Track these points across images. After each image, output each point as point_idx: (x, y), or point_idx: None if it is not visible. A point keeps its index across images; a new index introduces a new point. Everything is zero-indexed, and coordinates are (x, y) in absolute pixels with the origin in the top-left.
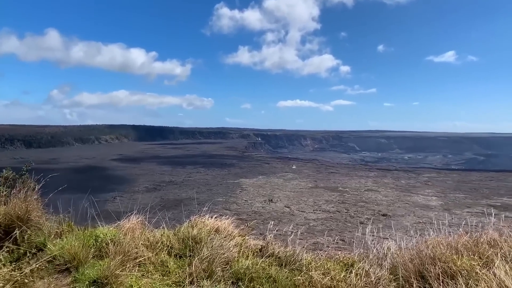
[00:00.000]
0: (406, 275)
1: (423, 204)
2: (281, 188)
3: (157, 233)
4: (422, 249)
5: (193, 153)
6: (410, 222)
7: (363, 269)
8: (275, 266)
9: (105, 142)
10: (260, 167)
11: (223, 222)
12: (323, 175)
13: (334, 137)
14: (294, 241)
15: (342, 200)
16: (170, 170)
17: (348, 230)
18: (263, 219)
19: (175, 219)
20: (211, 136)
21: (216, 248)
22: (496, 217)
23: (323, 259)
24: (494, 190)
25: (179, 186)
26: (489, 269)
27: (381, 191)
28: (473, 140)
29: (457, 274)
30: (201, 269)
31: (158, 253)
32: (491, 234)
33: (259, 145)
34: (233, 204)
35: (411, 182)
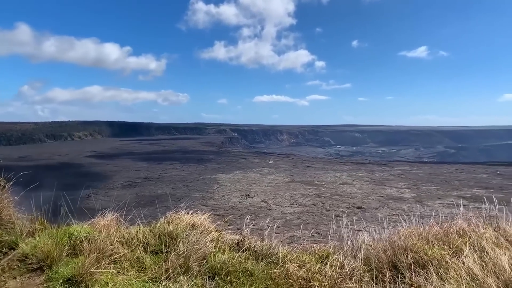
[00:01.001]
0: (380, 266)
1: (396, 196)
2: (258, 183)
3: (132, 230)
4: (395, 240)
5: (169, 149)
6: (384, 214)
7: (337, 261)
8: (252, 259)
9: (78, 139)
10: (237, 162)
11: (199, 217)
12: (299, 170)
13: (309, 132)
14: (271, 235)
15: (318, 194)
16: (145, 167)
17: (324, 223)
18: (240, 214)
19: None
20: (187, 131)
21: (192, 244)
22: (465, 208)
23: (299, 252)
24: (464, 182)
25: (155, 182)
26: (459, 258)
27: (356, 185)
28: (444, 133)
29: (428, 264)
30: (177, 265)
31: (134, 249)
32: (460, 224)
33: (236, 140)
34: (210, 200)
35: (385, 175)
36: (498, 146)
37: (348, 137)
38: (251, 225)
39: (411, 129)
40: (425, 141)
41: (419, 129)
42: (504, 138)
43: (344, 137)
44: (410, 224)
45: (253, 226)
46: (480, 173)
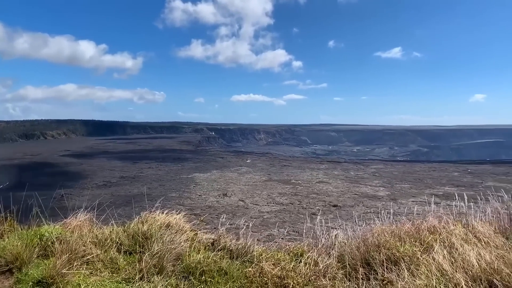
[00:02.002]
0: (353, 263)
1: (371, 194)
2: (235, 182)
3: (106, 230)
4: (368, 237)
5: (145, 148)
6: (359, 212)
7: (312, 259)
8: (227, 258)
9: (51, 138)
10: (214, 161)
11: (174, 217)
12: (277, 168)
13: (287, 131)
14: (247, 233)
15: (295, 192)
16: (121, 166)
17: (300, 222)
18: (217, 213)
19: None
20: (163, 130)
21: (166, 243)
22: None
23: (274, 250)
24: (436, 180)
25: (130, 182)
26: (429, 254)
27: (332, 183)
28: (418, 132)
29: (400, 260)
30: (151, 265)
31: (107, 250)
32: (431, 221)
33: (213, 140)
34: (187, 199)
35: (360, 173)
36: (469, 145)
37: (324, 136)
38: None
39: (385, 129)
40: (399, 140)
41: (393, 128)
42: (474, 137)
43: (320, 136)
44: (383, 221)
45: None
46: (451, 171)
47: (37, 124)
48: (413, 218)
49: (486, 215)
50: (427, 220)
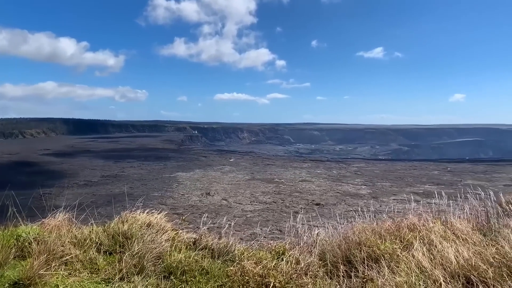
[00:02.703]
0: (334, 261)
1: (353, 193)
2: (219, 181)
3: (85, 230)
4: (349, 235)
5: (127, 147)
6: (341, 210)
7: (293, 257)
8: (208, 258)
9: (30, 137)
10: (197, 160)
11: (155, 216)
12: (260, 167)
13: (270, 130)
14: (229, 233)
15: (278, 191)
16: (102, 165)
17: (283, 220)
18: (200, 212)
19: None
20: (145, 129)
21: (147, 243)
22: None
23: (256, 249)
24: (417, 178)
25: (112, 181)
26: (409, 251)
27: (315, 182)
28: (399, 131)
29: (381, 258)
30: (131, 265)
31: (87, 250)
32: (411, 219)
33: (196, 138)
34: (169, 199)
35: (342, 172)
36: (449, 144)
37: (307, 135)
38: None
39: (367, 128)
40: (381, 139)
41: (375, 127)
42: (454, 136)
43: (303, 135)
44: (365, 219)
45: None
46: (432, 169)
47: (16, 123)
48: (394, 216)
49: (465, 212)
50: (407, 218)
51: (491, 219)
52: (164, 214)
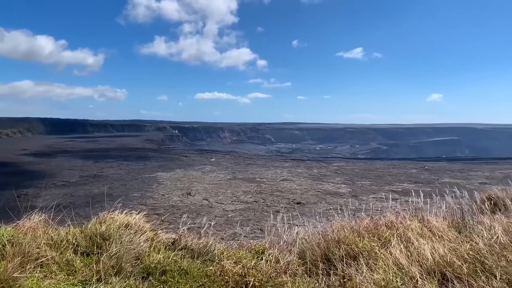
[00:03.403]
0: (314, 259)
1: (333, 191)
2: (200, 181)
3: (62, 231)
4: (328, 234)
5: (106, 147)
6: (321, 208)
7: (273, 256)
8: (188, 258)
9: (5, 137)
10: (178, 160)
11: (133, 217)
12: (241, 167)
13: (251, 129)
14: (208, 232)
15: (259, 191)
16: (80, 165)
17: (265, 219)
18: (181, 212)
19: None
20: (124, 129)
21: (125, 244)
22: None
23: (236, 248)
24: (396, 177)
25: (91, 182)
26: (387, 248)
27: (296, 181)
28: (378, 131)
29: (359, 255)
30: (109, 266)
31: (63, 252)
32: (389, 217)
33: (176, 138)
34: (149, 199)
35: (323, 171)
36: (427, 143)
37: (288, 135)
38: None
39: (347, 127)
40: (360, 138)
41: (355, 127)
42: (432, 136)
43: (284, 135)
44: (344, 218)
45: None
46: (410, 168)
47: None
48: (373, 214)
49: (441, 210)
50: (385, 216)
51: (466, 217)
52: (144, 214)
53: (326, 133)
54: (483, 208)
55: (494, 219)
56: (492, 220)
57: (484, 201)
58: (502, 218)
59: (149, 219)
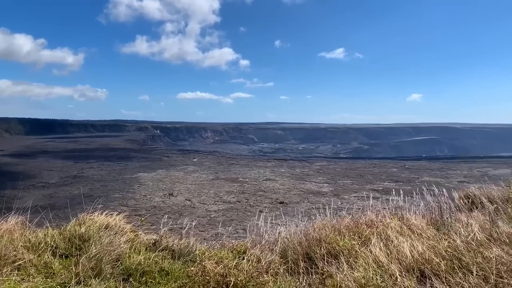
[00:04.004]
0: (295, 258)
1: (316, 190)
2: (182, 181)
3: (40, 234)
4: (310, 232)
5: (87, 147)
6: (304, 208)
7: (254, 255)
8: (169, 259)
9: None
10: (160, 160)
11: (113, 218)
12: (224, 167)
13: (234, 129)
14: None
15: (242, 190)
16: (60, 166)
17: (248, 219)
18: (162, 213)
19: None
20: (105, 129)
21: (105, 245)
22: (377, 200)
23: (217, 248)
24: (377, 176)
25: (71, 182)
26: (367, 247)
27: (278, 180)
28: (359, 130)
29: (340, 254)
30: (88, 268)
31: (41, 254)
32: (369, 215)
33: (158, 138)
34: (131, 200)
35: (305, 170)
36: (407, 142)
37: (271, 135)
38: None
39: (329, 127)
40: (342, 138)
41: (336, 126)
42: (412, 135)
43: (267, 135)
44: (325, 216)
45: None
46: (390, 167)
47: None
48: (354, 212)
49: (420, 208)
50: (366, 214)
51: (444, 215)
52: (125, 215)
53: (309, 132)
54: (460, 206)
55: (471, 217)
56: (469, 217)
57: (461, 199)
58: (479, 215)
59: (130, 220)
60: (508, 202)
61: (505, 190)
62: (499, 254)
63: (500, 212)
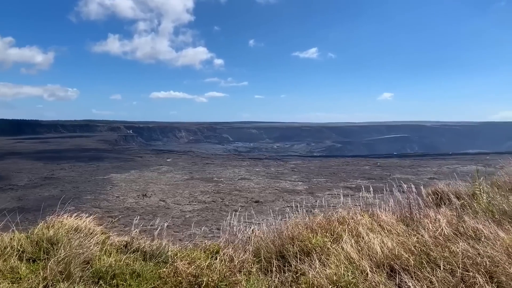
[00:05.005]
0: (268, 256)
1: (290, 189)
2: (156, 182)
3: (5, 237)
4: (283, 231)
5: (57, 148)
6: (279, 206)
7: (227, 255)
8: (140, 260)
9: None
10: (133, 161)
11: (83, 220)
12: (199, 167)
13: (208, 129)
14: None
15: (217, 190)
16: (29, 168)
17: (223, 219)
18: (136, 214)
19: (34, 221)
20: (76, 129)
21: (74, 248)
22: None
23: (190, 249)
24: (350, 174)
25: (41, 184)
26: (339, 243)
27: (253, 179)
28: (332, 129)
29: (312, 251)
30: (57, 272)
31: (7, 259)
32: (341, 212)
33: (131, 138)
34: (104, 201)
35: (280, 169)
36: (379, 140)
37: (245, 134)
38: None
39: (303, 126)
40: (316, 136)
41: (310, 125)
42: (383, 133)
43: (242, 134)
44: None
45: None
46: (363, 165)
47: None
48: (328, 210)
49: (390, 205)
50: (338, 212)
51: (414, 211)
52: (98, 217)
53: (283, 131)
54: (429, 202)
55: (439, 212)
56: (437, 213)
57: (430, 195)
58: (447, 211)
59: (102, 222)
60: (474, 198)
61: (472, 186)
62: (465, 248)
63: (467, 207)
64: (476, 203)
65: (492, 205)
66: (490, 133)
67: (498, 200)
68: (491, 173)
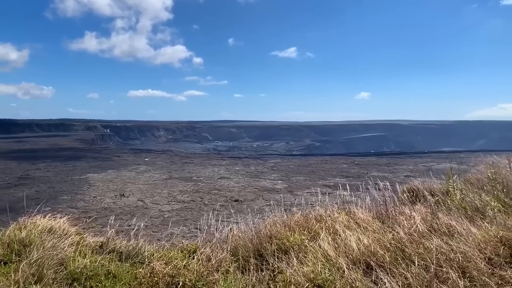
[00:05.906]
0: (246, 255)
1: (270, 188)
2: (134, 182)
3: None
4: (261, 229)
5: (32, 148)
6: (259, 205)
7: (205, 254)
8: (116, 261)
9: None
10: (110, 160)
11: (57, 221)
12: (177, 166)
13: (187, 128)
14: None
15: (197, 190)
16: (3, 168)
17: (203, 218)
18: (114, 215)
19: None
20: (51, 128)
21: (47, 250)
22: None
23: (167, 249)
24: (328, 172)
25: (15, 185)
26: (316, 241)
27: (233, 178)
28: (311, 128)
29: (290, 249)
30: (29, 274)
31: None
32: (318, 210)
33: (108, 137)
34: (80, 202)
35: (260, 168)
36: (356, 138)
37: (225, 132)
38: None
39: (282, 124)
40: (295, 135)
41: (289, 124)
42: (361, 132)
43: (221, 133)
44: (277, 213)
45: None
46: (341, 163)
47: None
48: (306, 208)
49: (366, 202)
50: (315, 210)
51: (389, 208)
52: (75, 218)
53: (263, 130)
54: (404, 199)
55: (414, 209)
56: (412, 210)
57: (405, 192)
58: (421, 208)
59: (79, 223)
60: (447, 195)
61: (446, 183)
62: (439, 244)
63: (441, 204)
64: (449, 200)
65: (465, 202)
66: (464, 131)
67: (471, 197)
68: (465, 171)
